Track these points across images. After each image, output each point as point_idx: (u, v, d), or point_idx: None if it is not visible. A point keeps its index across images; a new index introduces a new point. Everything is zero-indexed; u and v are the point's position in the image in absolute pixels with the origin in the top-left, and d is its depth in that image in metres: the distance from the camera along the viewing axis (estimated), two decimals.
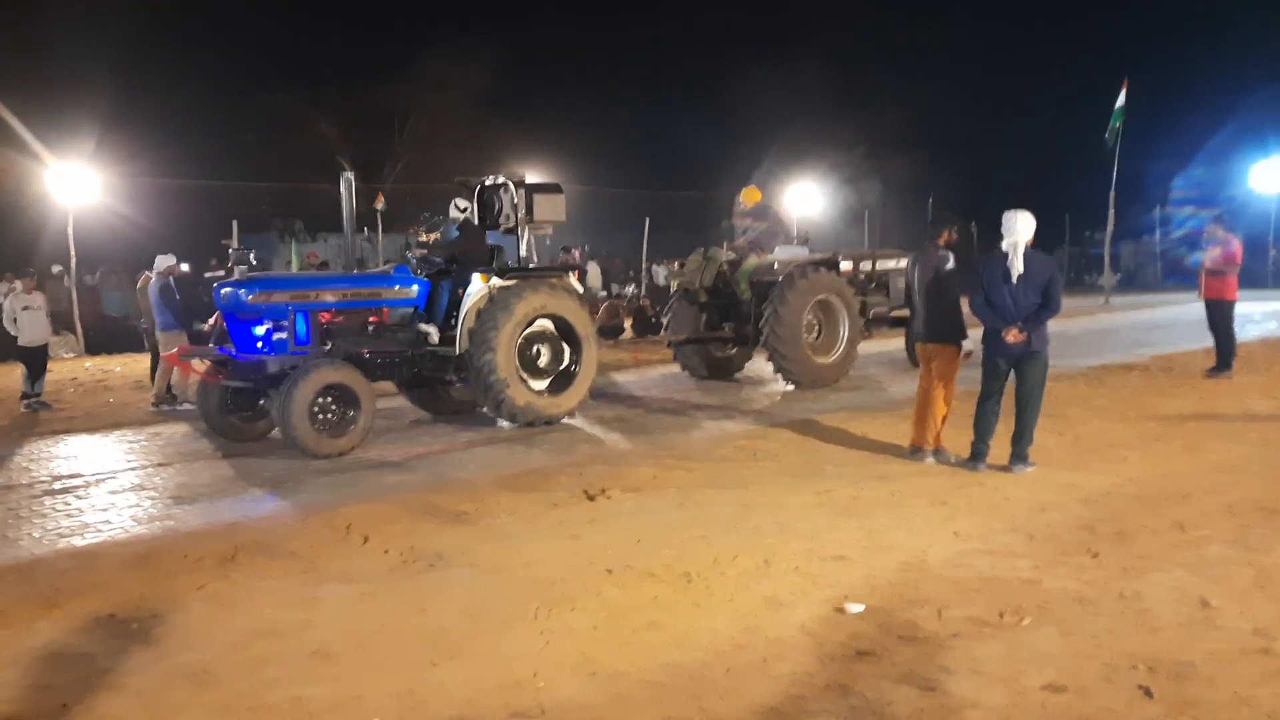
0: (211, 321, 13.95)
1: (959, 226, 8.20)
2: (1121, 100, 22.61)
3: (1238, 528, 5.91)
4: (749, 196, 13.06)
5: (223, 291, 9.10)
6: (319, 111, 32.50)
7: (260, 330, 9.03)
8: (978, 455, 7.51)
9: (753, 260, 12.37)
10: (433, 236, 10.76)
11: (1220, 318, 11.80)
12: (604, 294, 22.18)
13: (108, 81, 27.09)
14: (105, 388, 13.62)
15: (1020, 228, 7.13)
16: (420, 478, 7.89)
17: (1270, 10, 37.88)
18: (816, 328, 12.20)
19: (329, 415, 8.60)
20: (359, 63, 38.43)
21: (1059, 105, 40.04)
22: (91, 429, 10.58)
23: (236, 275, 11.16)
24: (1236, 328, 12.01)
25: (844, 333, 12.19)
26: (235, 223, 17.83)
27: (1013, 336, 7.14)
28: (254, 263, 12.98)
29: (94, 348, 17.95)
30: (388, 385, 10.44)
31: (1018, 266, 7.11)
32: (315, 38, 37.11)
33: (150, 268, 12.14)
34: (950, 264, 7.75)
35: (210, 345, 9.93)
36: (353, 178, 9.80)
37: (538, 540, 6.05)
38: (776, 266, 12.09)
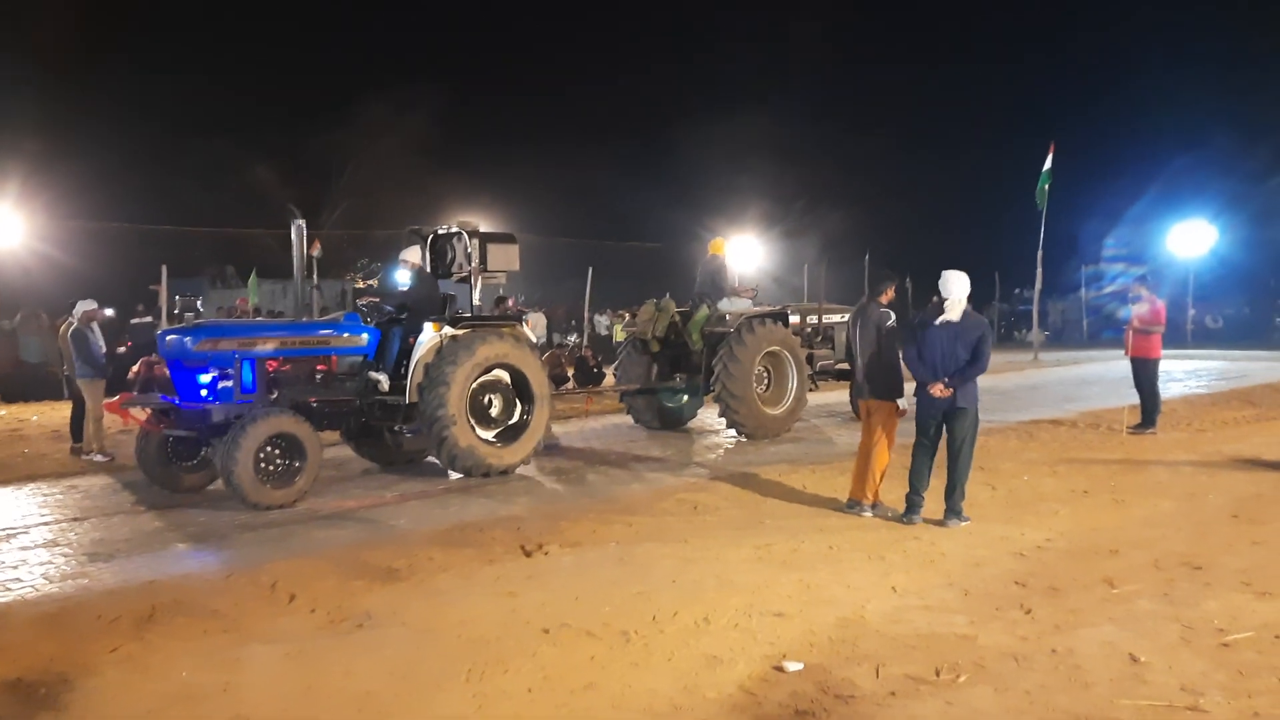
0: (136, 368, 13.61)
1: (898, 284, 8.33)
2: (1049, 164, 23.33)
3: (1164, 582, 6.01)
4: (714, 248, 13.23)
5: (167, 339, 8.91)
6: (256, 156, 32.23)
7: (205, 378, 8.81)
8: (913, 507, 7.59)
9: (704, 311, 12.46)
10: (371, 283, 10.64)
11: (1145, 375, 12.12)
12: (546, 343, 22.13)
13: (35, 122, 26.60)
14: (20, 437, 13.14)
15: (957, 288, 7.36)
16: (352, 532, 7.72)
17: (1184, 84, 39.62)
18: (766, 379, 12.31)
19: (274, 465, 8.42)
20: (298, 107, 38.29)
21: (991, 164, 41.23)
22: (4, 481, 10.18)
23: (184, 322, 10.93)
24: (1160, 385, 12.34)
25: (792, 384, 12.32)
26: (164, 268, 17.44)
27: (939, 391, 7.30)
28: (200, 310, 12.73)
29: (10, 395, 17.32)
30: (331, 434, 10.25)
31: (953, 322, 7.31)
32: (253, 81, 36.86)
33: (73, 313, 11.81)
34: (891, 321, 7.87)
35: (148, 393, 9.68)
36: (304, 225, 9.71)
37: (472, 598, 5.93)
38: (728, 318, 12.21)
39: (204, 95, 35.26)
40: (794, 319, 12.78)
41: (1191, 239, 30.04)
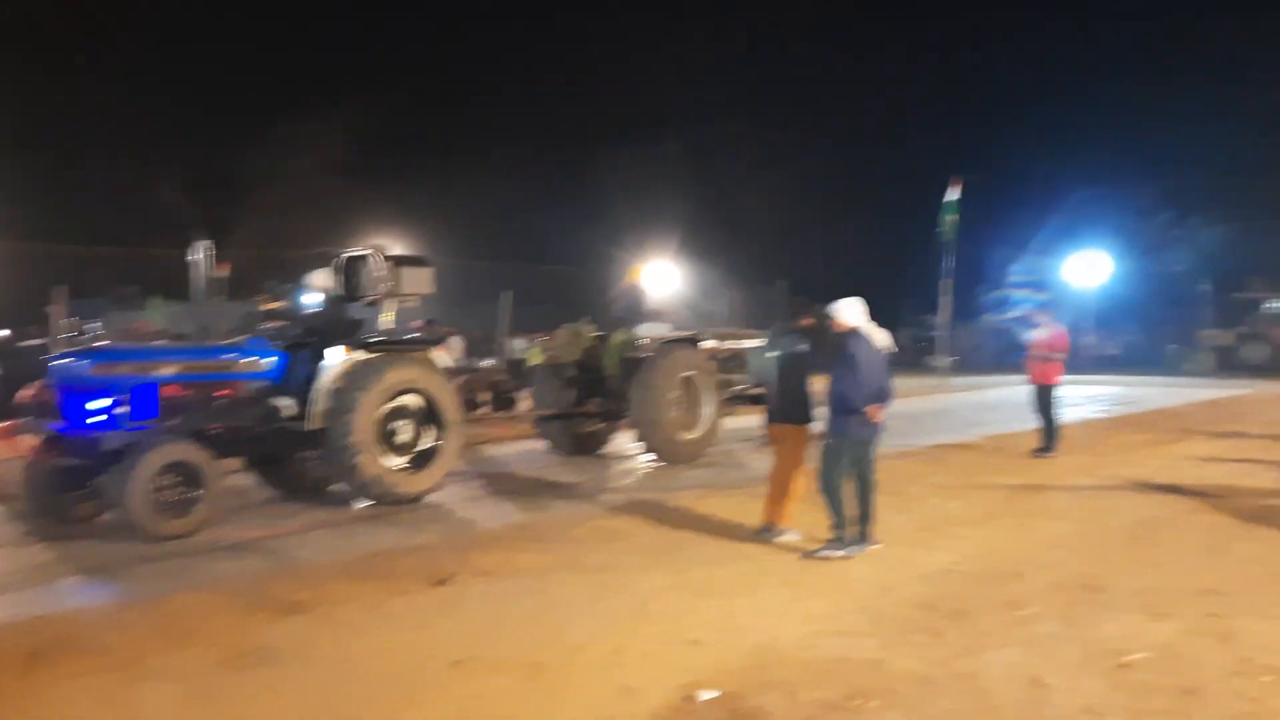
0: (31, 392, 13.02)
1: (815, 311, 8.31)
2: (953, 195, 24.05)
3: (1065, 604, 6.17)
4: (631, 274, 13.25)
5: (60, 363, 8.54)
6: (160, 173, 31.32)
7: (99, 404, 8.46)
8: (845, 538, 7.47)
9: (620, 336, 12.46)
10: (279, 305, 10.38)
11: (1045, 401, 12.49)
12: (460, 366, 21.85)
13: None
14: None
15: (863, 311, 7.48)
16: (254, 563, 7.49)
17: (1082, 121, 41.40)
18: (681, 404, 12.34)
19: (171, 495, 8.13)
20: (206, 124, 37.43)
21: (900, 193, 42.37)
22: None
23: (84, 344, 10.51)
24: (1060, 410, 12.73)
25: (706, 409, 12.38)
26: (60, 289, 16.78)
27: (878, 416, 7.33)
28: (99, 331, 12.27)
29: None
30: (234, 461, 9.94)
31: (881, 347, 7.43)
32: (159, 96, 35.96)
33: None
34: (802, 347, 7.93)
35: (35, 419, 9.25)
36: (209, 246, 9.44)
37: (380, 630, 5.78)
38: (643, 343, 12.22)
39: (106, 109, 34.26)
40: (709, 344, 12.87)
41: (1089, 268, 31.23)
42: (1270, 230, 32.86)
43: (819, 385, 7.77)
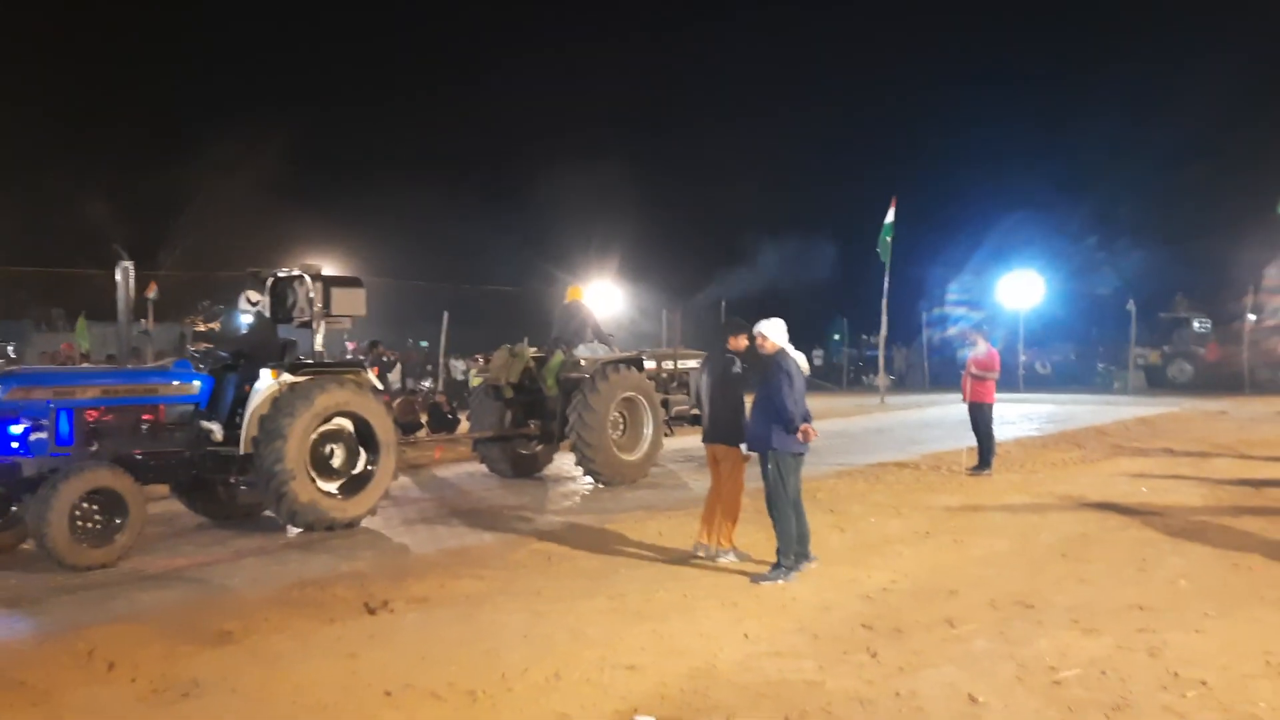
0: None
1: (749, 332, 8.24)
2: (891, 217, 24.36)
3: (1000, 621, 6.23)
4: (571, 294, 13.15)
5: None
6: (86, 192, 30.60)
7: (16, 430, 8.16)
8: (799, 562, 7.40)
9: (559, 356, 12.38)
10: (212, 327, 10.14)
11: (981, 419, 12.68)
12: (399, 388, 21.60)
13: None
14: None
15: (784, 331, 7.51)
16: (181, 593, 7.26)
17: (1015, 146, 42.43)
18: (621, 425, 12.28)
19: (92, 523, 7.86)
20: (134, 142, 36.60)
21: (840, 211, 42.97)
22: None
23: None
24: (995, 428, 12.93)
25: (648, 430, 12.33)
26: None
27: (813, 435, 7.34)
28: (12, 355, 11.87)
29: None
30: (159, 487, 9.67)
31: (805, 368, 7.45)
32: (85, 114, 35.10)
33: None
34: (737, 367, 7.91)
35: None
36: (131, 267, 9.19)
37: (310, 661, 5.64)
38: (583, 364, 12.15)
39: (28, 129, 33.39)
40: (650, 365, 12.84)
41: (1022, 289, 31.85)
42: (1194, 251, 33.97)
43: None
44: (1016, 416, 20.82)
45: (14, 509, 8.34)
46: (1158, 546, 8.34)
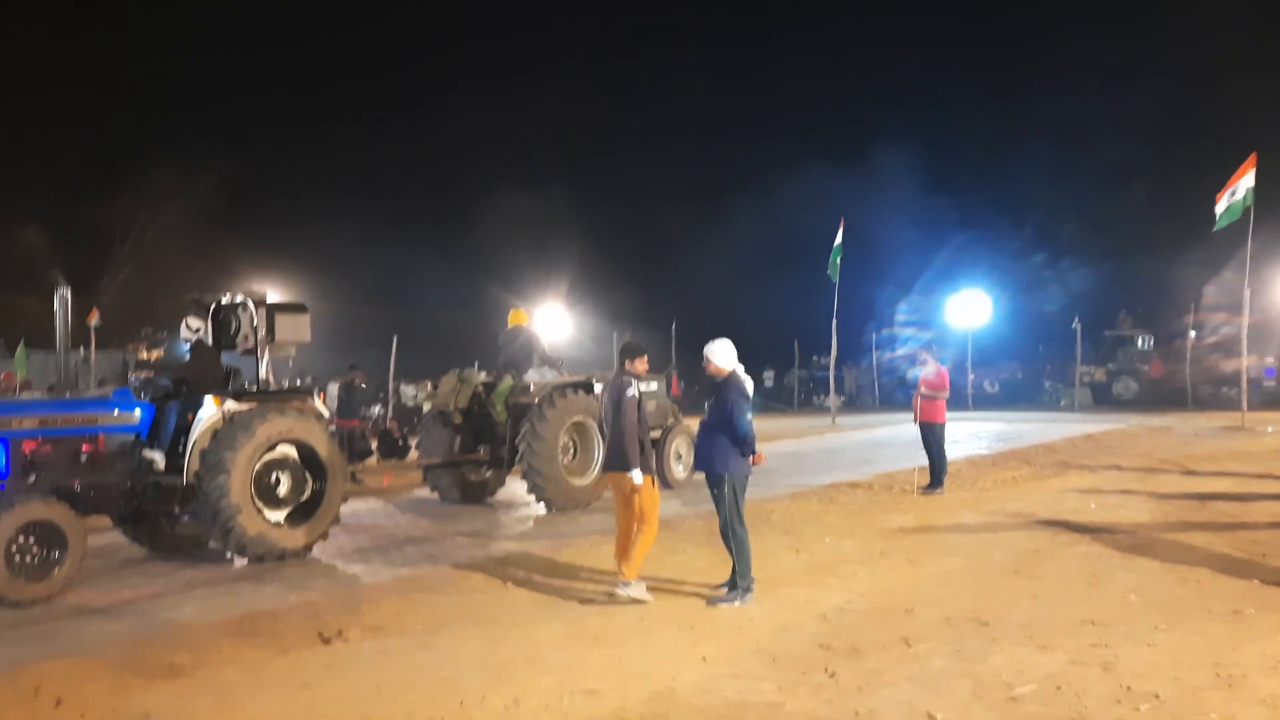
0: None
1: (646, 354, 8.03)
2: (839, 239, 24.67)
3: (955, 639, 6.29)
4: (515, 319, 13.09)
5: None
6: (25, 218, 29.93)
7: None
8: (744, 584, 7.32)
9: (508, 381, 12.31)
10: (156, 354, 9.95)
11: (933, 438, 12.83)
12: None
13: None
14: None
15: (733, 353, 7.52)
16: (129, 626, 7.08)
17: (959, 167, 43.24)
18: (572, 449, 12.23)
19: (29, 557, 7.63)
20: (74, 169, 35.85)
21: (789, 233, 43.28)
22: None
23: None
24: (946, 447, 13.09)
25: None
26: None
27: (763, 459, 7.39)
28: None
29: None
30: (102, 520, 9.44)
31: (749, 391, 7.47)
32: (22, 143, 34.30)
33: None
34: (633, 390, 7.57)
35: None
36: (68, 293, 9.00)
37: (263, 693, 5.54)
38: (531, 389, 12.08)
39: None
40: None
41: (969, 308, 32.39)
42: (1137, 270, 34.76)
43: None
44: (966, 435, 21.10)
45: None
46: (1108, 562, 8.48)
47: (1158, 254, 35.04)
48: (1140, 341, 33.87)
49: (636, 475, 7.40)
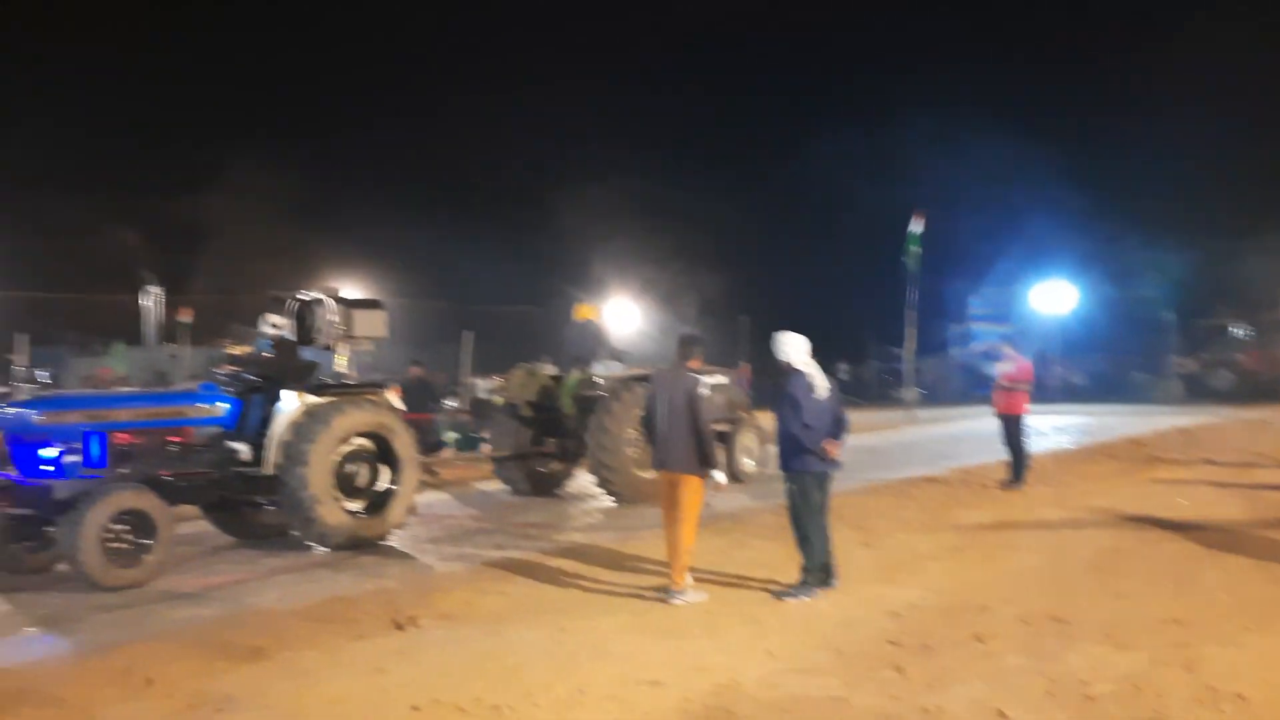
0: None
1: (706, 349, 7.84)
2: (916, 228, 24.24)
3: (1030, 637, 6.17)
4: (581, 313, 13.18)
5: (8, 412, 8.40)
6: (121, 219, 31.12)
7: (49, 453, 8.31)
8: (811, 580, 7.27)
9: (575, 375, 12.40)
10: (245, 349, 10.27)
11: (1013, 432, 12.55)
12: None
13: None
14: None
15: (803, 346, 7.35)
16: (215, 610, 7.35)
17: (1042, 148, 41.83)
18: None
19: (122, 544, 7.95)
20: (168, 170, 37.16)
21: (864, 224, 42.58)
22: None
23: (24, 394, 10.34)
24: (1027, 441, 12.80)
25: None
26: (27, 337, 16.57)
27: (836, 451, 7.19)
28: (46, 380, 12.07)
29: None
30: (190, 508, 9.80)
31: (824, 382, 7.28)
32: (119, 143, 35.66)
33: None
34: (703, 387, 7.41)
35: None
36: (158, 292, 9.36)
37: (339, 676, 5.69)
38: (599, 382, 12.15)
39: (62, 155, 34.05)
40: None
41: (1053, 298, 31.58)
42: (1234, 256, 33.38)
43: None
44: (1050, 429, 20.60)
45: (49, 530, 8.46)
46: (1196, 560, 8.22)
47: (1257, 240, 33.58)
48: (1236, 331, 32.60)
49: (720, 475, 7.37)
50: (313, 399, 9.24)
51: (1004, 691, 5.22)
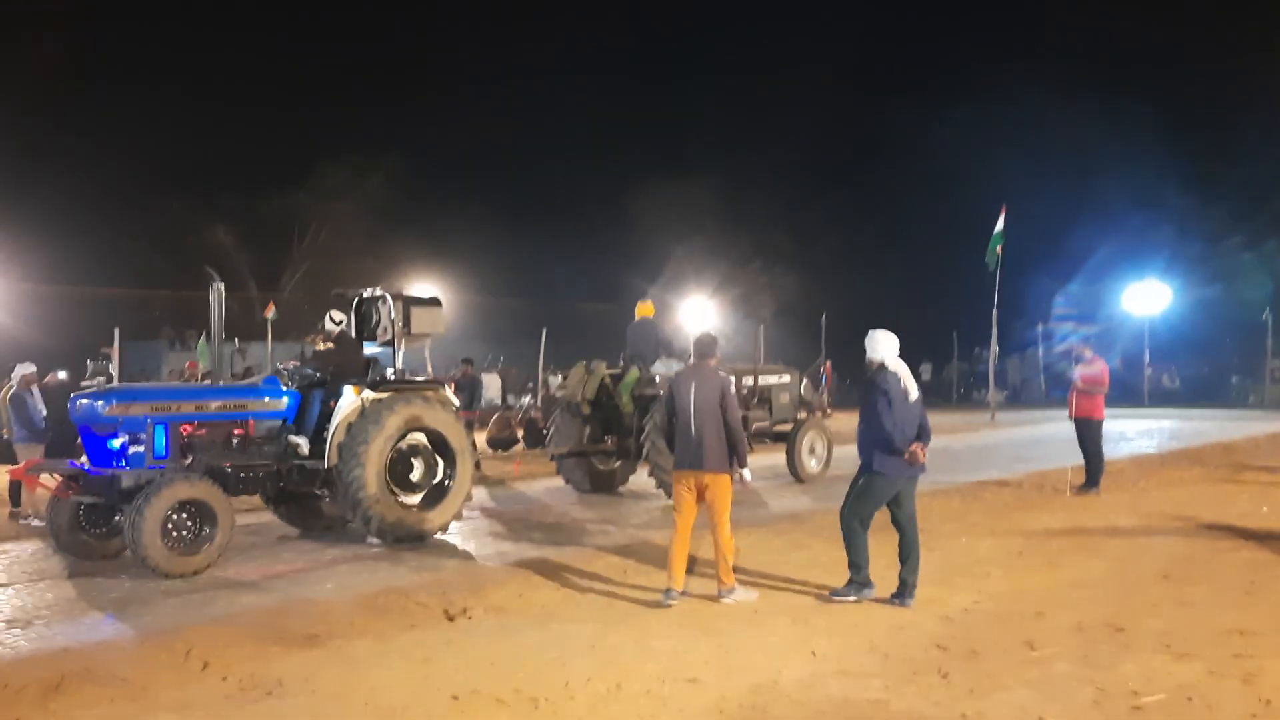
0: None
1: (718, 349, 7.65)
2: (1001, 225, 23.71)
3: (1084, 645, 6.00)
4: (642, 310, 13.23)
5: (78, 403, 8.77)
6: (215, 218, 32.20)
7: (117, 443, 8.67)
8: (867, 584, 7.11)
9: (634, 373, 12.44)
10: (329, 345, 10.55)
11: (1089, 436, 12.20)
12: (499, 405, 22.05)
13: None
14: None
15: (894, 346, 7.08)
16: (274, 598, 7.57)
17: (1136, 146, 40.35)
18: None
19: (183, 532, 8.24)
20: (258, 170, 38.28)
21: (946, 223, 41.69)
22: None
23: (95, 386, 10.78)
24: (1109, 445, 12.42)
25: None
26: (116, 330, 17.30)
27: (922, 455, 6.94)
28: (112, 374, 12.54)
29: None
30: (255, 499, 10.11)
31: (914, 384, 7.07)
32: (211, 144, 36.87)
33: (11, 376, 11.67)
34: (732, 386, 7.32)
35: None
36: (221, 287, 9.66)
37: (387, 664, 5.82)
38: (657, 380, 12.17)
39: (162, 158, 35.39)
40: (733, 380, 12.74)
41: (1146, 298, 30.57)
42: None
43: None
44: (1136, 433, 20.01)
45: (117, 518, 8.80)
46: (1270, 569, 7.91)
47: None
48: None
49: (748, 474, 7.28)
50: (370, 395, 9.44)
51: (1048, 699, 5.09)
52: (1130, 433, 19.98)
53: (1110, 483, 12.36)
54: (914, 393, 7.04)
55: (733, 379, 7.51)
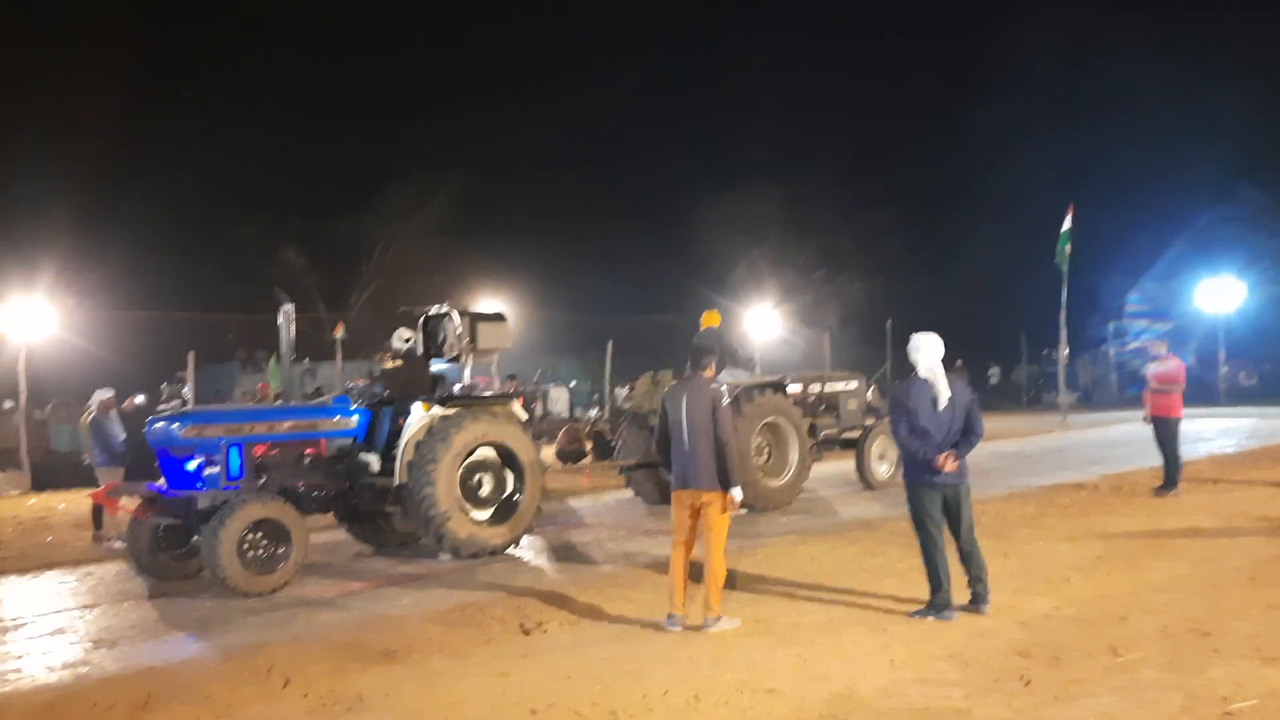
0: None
1: (719, 359, 7.45)
2: (1068, 224, 23.24)
3: (1171, 650, 5.85)
4: (708, 320, 13.22)
5: (155, 426, 9.01)
6: (284, 241, 32.90)
7: (192, 465, 8.89)
8: (948, 604, 6.77)
9: None
10: (398, 364, 10.74)
11: (1166, 435, 11.89)
12: (567, 417, 22.19)
13: (67, 215, 27.46)
14: (45, 526, 13.27)
15: (933, 350, 6.85)
16: (352, 615, 7.71)
17: (1209, 140, 39.24)
18: (766, 450, 12.18)
19: (259, 551, 8.42)
20: (325, 192, 39.06)
21: (1012, 223, 40.93)
22: (23, 569, 10.24)
23: (171, 409, 11.06)
24: (1188, 445, 12.09)
25: (794, 455, 12.16)
26: (191, 354, 17.75)
27: (951, 464, 6.68)
28: (186, 397, 12.86)
29: (41, 484, 17.57)
30: (328, 518, 10.28)
31: (945, 391, 6.80)
32: (278, 168, 37.68)
33: (90, 402, 12.03)
34: (727, 398, 7.00)
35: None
36: (291, 309, 9.87)
37: (465, 679, 5.89)
38: (724, 389, 12.10)
39: (233, 185, 36.26)
40: (795, 388, 12.64)
41: (1221, 294, 29.72)
42: None
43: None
44: (1214, 432, 19.45)
45: (195, 539, 8.99)
46: None
47: None
48: None
49: (738, 493, 6.79)
50: (438, 411, 9.55)
51: (1135, 706, 4.98)
52: (1208, 432, 19.43)
53: (1190, 483, 12.04)
54: (944, 400, 6.74)
55: (726, 390, 7.07)
